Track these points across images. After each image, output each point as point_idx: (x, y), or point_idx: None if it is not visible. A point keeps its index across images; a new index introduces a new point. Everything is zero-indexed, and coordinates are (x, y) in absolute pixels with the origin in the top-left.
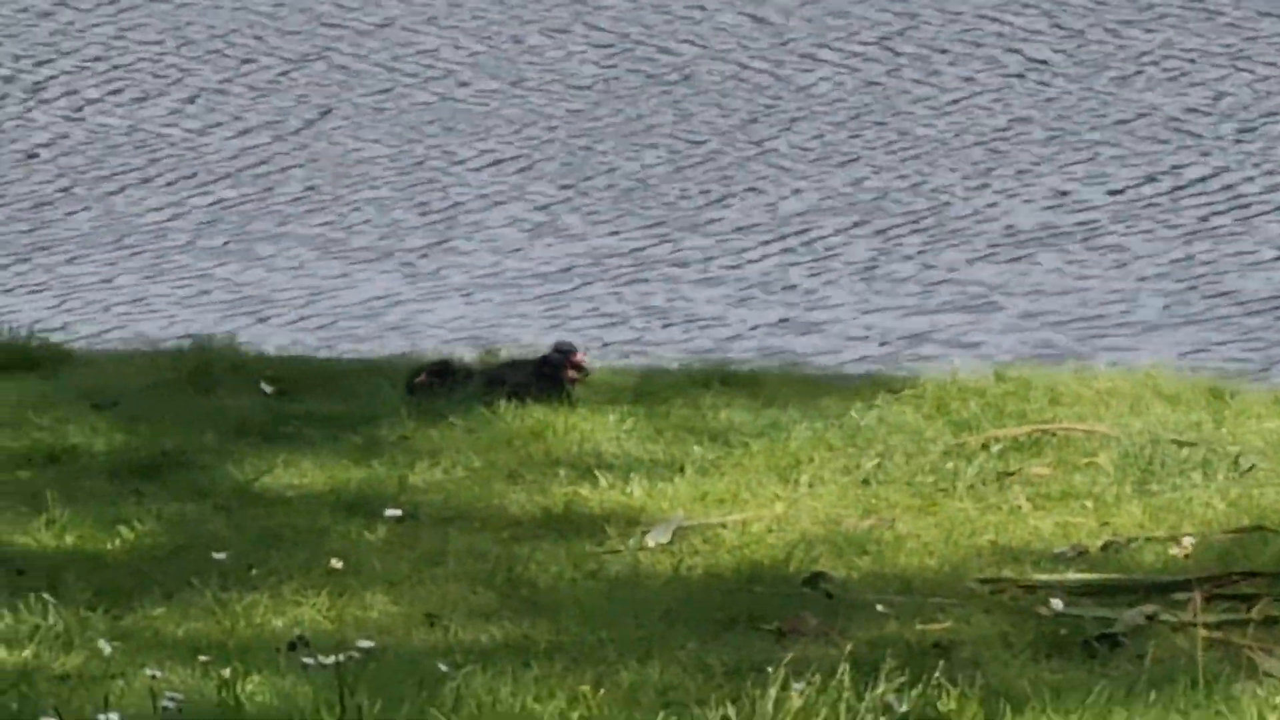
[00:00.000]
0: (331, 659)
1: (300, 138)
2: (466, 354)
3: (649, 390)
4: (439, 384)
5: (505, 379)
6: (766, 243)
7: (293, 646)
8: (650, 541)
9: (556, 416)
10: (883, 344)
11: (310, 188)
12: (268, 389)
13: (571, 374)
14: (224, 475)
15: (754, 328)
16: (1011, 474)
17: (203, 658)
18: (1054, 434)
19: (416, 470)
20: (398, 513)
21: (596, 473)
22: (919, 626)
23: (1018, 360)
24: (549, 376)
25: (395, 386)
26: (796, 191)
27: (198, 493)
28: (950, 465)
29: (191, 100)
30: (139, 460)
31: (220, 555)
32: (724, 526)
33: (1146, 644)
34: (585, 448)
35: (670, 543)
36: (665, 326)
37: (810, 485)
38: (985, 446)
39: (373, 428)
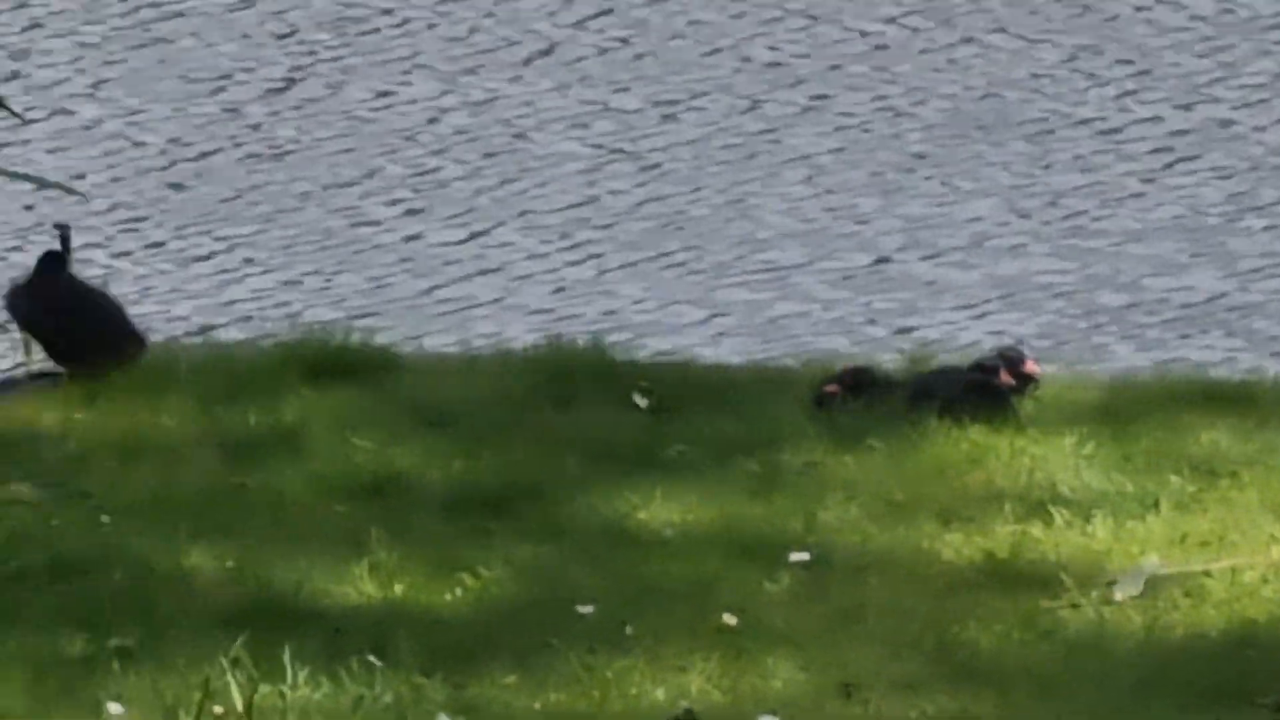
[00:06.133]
0: None
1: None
2: (888, 359)
3: (1115, 407)
4: (853, 397)
5: (934, 391)
6: None
7: None
8: (1118, 594)
9: (1000, 439)
10: None
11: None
12: (642, 403)
13: (1009, 381)
14: (589, 510)
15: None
16: None
17: None
18: None
19: (827, 505)
20: (804, 557)
21: (1051, 509)
22: None
23: None
24: (986, 388)
25: (800, 400)
26: None
27: (556, 532)
28: None
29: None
30: (483, 492)
31: (586, 609)
32: (1209, 575)
33: None
34: (1036, 478)
35: (1142, 595)
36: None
37: None
38: None
39: (772, 452)
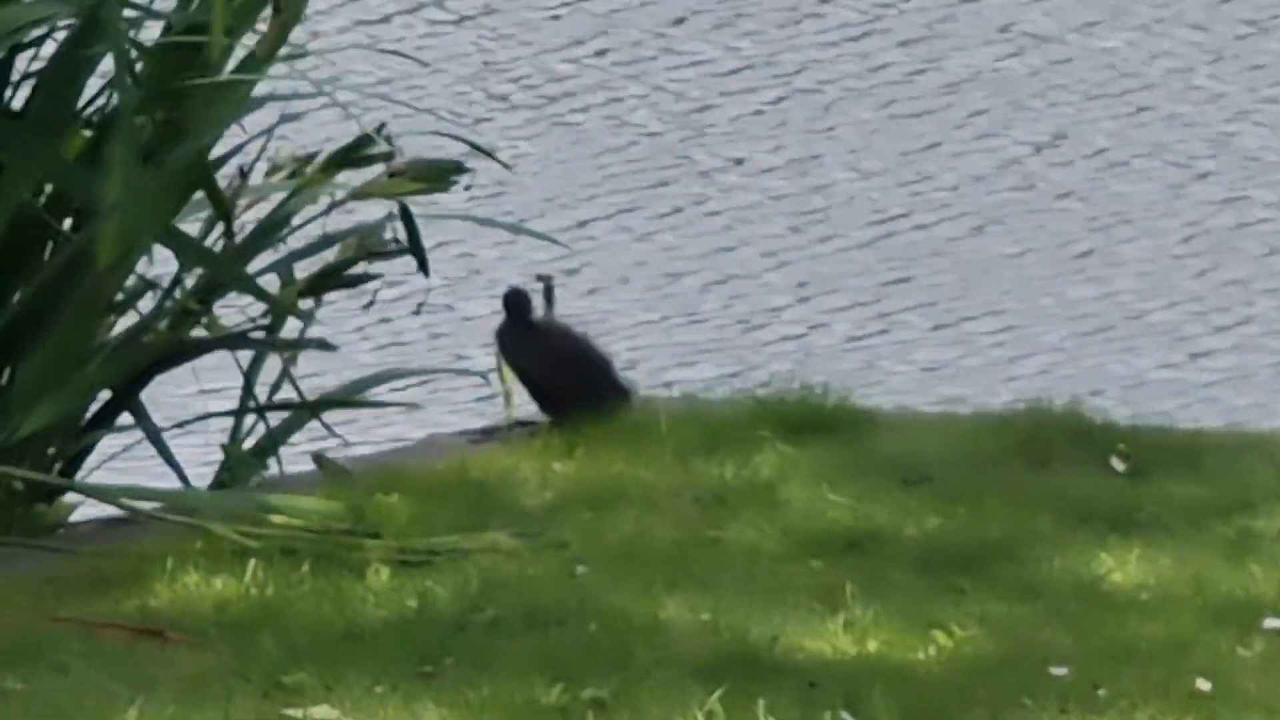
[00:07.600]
0: None
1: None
2: None
3: None
4: None
5: None
6: None
7: None
8: None
9: None
10: None
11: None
12: (1119, 466)
13: None
14: (1063, 570)
15: None
16: None
17: None
18: None
19: None
20: (1278, 624)
21: None
22: None
23: None
24: None
25: (1275, 465)
26: None
27: (1030, 591)
28: None
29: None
30: (958, 549)
31: (1059, 670)
32: None
33: None
34: None
35: None
36: None
37: None
38: None
39: (1246, 517)
